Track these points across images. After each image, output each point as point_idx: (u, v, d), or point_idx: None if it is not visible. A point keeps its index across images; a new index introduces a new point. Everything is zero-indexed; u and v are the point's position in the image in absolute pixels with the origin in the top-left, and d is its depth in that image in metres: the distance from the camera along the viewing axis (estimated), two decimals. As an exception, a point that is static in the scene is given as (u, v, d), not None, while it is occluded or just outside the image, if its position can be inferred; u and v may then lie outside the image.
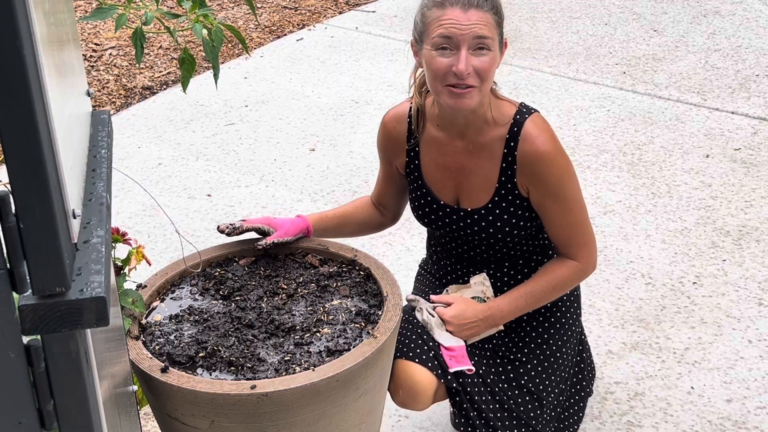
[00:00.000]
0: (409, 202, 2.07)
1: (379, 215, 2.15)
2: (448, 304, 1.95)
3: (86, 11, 5.52)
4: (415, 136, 1.97)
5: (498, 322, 1.95)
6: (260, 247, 1.92)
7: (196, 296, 1.84)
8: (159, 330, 1.74)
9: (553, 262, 1.96)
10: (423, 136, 1.97)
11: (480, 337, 1.97)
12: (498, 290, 2.01)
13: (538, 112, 1.90)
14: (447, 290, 2.04)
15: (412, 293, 2.09)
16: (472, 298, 1.98)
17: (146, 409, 2.22)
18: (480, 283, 2.00)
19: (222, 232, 1.93)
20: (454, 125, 1.91)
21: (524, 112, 1.88)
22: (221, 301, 1.82)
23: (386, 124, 2.03)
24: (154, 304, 1.82)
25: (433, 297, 1.98)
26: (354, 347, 1.64)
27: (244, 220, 1.95)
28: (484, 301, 1.98)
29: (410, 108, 1.98)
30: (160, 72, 4.81)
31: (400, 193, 2.11)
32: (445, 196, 1.97)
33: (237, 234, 1.93)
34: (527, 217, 1.92)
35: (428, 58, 1.79)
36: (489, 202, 1.92)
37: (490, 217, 1.92)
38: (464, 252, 2.02)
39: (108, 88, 4.62)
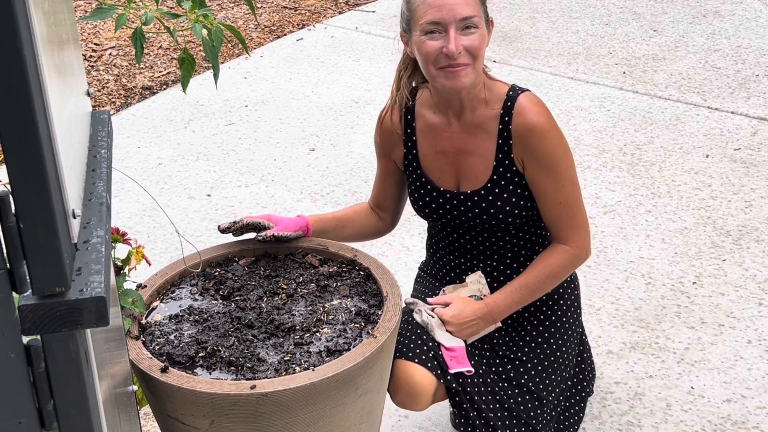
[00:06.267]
0: (408, 196, 2.08)
1: (377, 220, 2.15)
2: (446, 305, 1.95)
3: (86, 11, 5.51)
4: (412, 125, 1.99)
5: (496, 318, 1.95)
6: (260, 238, 1.93)
7: (196, 296, 1.84)
8: (159, 330, 1.74)
9: (546, 251, 1.96)
10: (419, 125, 1.98)
11: (480, 335, 1.97)
12: (500, 285, 2.01)
13: (530, 90, 1.93)
14: (443, 290, 2.04)
15: (411, 296, 2.09)
16: (469, 297, 1.98)
17: (146, 409, 2.22)
18: (476, 281, 2.00)
19: (223, 231, 1.94)
20: (450, 107, 1.93)
21: (517, 89, 1.92)
22: (221, 301, 1.82)
23: (382, 118, 2.05)
24: (154, 304, 1.82)
25: (429, 300, 1.98)
26: (354, 347, 1.64)
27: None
28: (481, 299, 1.98)
29: (403, 101, 2.01)
30: (160, 72, 4.81)
31: (399, 192, 2.12)
32: (445, 183, 1.98)
33: (237, 228, 1.94)
34: (527, 196, 1.93)
35: (419, 44, 1.83)
36: (488, 182, 1.93)
37: (490, 197, 1.93)
38: (466, 242, 2.02)
39: (108, 88, 4.62)
